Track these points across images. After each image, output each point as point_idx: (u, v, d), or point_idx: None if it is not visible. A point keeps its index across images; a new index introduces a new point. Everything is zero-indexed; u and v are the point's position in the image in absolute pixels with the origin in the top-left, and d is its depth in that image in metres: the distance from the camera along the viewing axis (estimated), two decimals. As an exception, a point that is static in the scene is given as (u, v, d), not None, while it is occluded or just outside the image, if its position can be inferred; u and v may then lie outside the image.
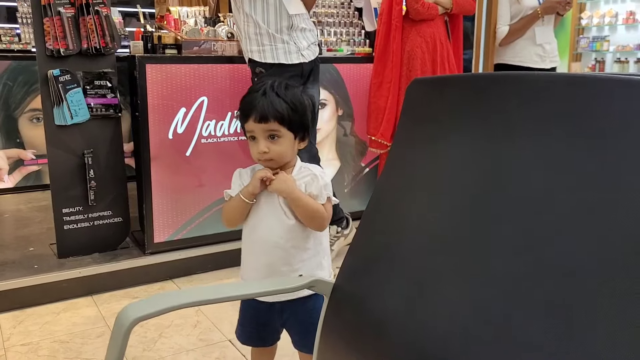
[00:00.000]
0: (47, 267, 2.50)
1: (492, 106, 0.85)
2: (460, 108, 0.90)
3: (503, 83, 0.85)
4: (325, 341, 1.00)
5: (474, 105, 0.88)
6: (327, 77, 3.00)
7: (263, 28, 2.45)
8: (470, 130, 0.87)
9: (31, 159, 3.92)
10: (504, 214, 0.79)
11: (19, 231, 3.06)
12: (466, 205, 0.85)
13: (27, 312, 2.29)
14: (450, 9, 2.97)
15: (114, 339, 0.80)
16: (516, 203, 0.78)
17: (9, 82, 3.77)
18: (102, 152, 2.63)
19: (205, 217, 2.77)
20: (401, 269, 0.89)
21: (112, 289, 2.51)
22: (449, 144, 0.90)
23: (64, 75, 2.51)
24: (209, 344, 2.05)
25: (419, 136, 0.96)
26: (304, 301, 1.39)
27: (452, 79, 0.94)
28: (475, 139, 0.86)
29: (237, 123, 2.77)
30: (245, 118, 1.32)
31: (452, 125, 0.91)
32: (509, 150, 0.81)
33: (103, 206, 2.66)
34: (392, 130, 3.00)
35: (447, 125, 0.91)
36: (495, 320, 0.75)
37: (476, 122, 0.87)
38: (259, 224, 1.37)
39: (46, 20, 2.49)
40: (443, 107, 0.93)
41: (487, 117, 0.86)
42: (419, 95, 0.98)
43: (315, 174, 1.35)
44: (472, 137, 0.87)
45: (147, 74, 2.53)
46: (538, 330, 0.71)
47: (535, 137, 0.79)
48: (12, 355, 1.96)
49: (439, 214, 0.88)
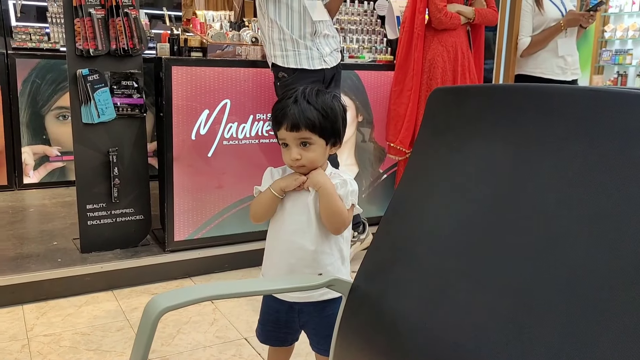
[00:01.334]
0: (70, 261, 2.56)
1: (511, 117, 0.88)
2: (480, 118, 0.93)
3: (523, 94, 0.88)
4: (342, 339, 1.03)
5: (494, 115, 0.90)
6: (348, 83, 3.04)
7: (287, 34, 2.49)
8: (489, 140, 0.90)
9: (56, 156, 4.02)
10: (519, 222, 0.82)
11: (43, 225, 3.14)
12: (483, 213, 0.87)
13: (50, 304, 2.36)
14: (473, 19, 2.99)
15: (142, 327, 0.84)
16: (531, 212, 0.81)
17: (38, 79, 3.87)
18: (127, 150, 2.70)
19: (224, 218, 2.81)
20: (418, 272, 0.92)
21: (132, 285, 2.57)
22: (467, 152, 0.93)
23: (93, 74, 2.59)
24: (225, 341, 2.09)
25: (438, 144, 0.99)
26: (323, 305, 1.42)
27: (473, 89, 0.97)
28: (494, 148, 0.89)
29: (258, 126, 2.82)
30: (277, 126, 1.34)
31: (472, 134, 0.93)
32: (526, 160, 0.84)
33: (126, 203, 2.73)
34: (411, 137, 3.02)
35: (467, 135, 0.94)
36: (509, 324, 0.78)
37: (495, 132, 0.90)
38: (285, 224, 1.39)
39: (77, 20, 2.56)
40: (463, 117, 0.96)
41: (506, 128, 0.88)
42: (439, 104, 1.01)
43: (345, 179, 1.37)
44: (491, 147, 0.89)
45: (173, 75, 2.59)
46: (552, 335, 0.73)
47: (552, 149, 0.81)
48: (35, 345, 2.02)
49: (456, 220, 0.91)
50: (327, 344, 1.45)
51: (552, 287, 0.75)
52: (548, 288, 0.75)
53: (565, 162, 0.79)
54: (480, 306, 0.82)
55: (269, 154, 2.85)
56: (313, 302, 1.42)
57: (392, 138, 3.07)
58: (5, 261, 2.58)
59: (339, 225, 1.36)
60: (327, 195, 1.33)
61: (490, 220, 0.86)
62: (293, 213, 1.39)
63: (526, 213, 0.81)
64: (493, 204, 0.86)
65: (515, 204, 0.83)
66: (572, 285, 0.73)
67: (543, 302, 0.75)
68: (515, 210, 0.83)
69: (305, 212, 1.37)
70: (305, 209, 1.37)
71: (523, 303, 0.77)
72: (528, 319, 0.75)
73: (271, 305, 1.49)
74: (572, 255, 0.75)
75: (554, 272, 0.75)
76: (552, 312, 0.74)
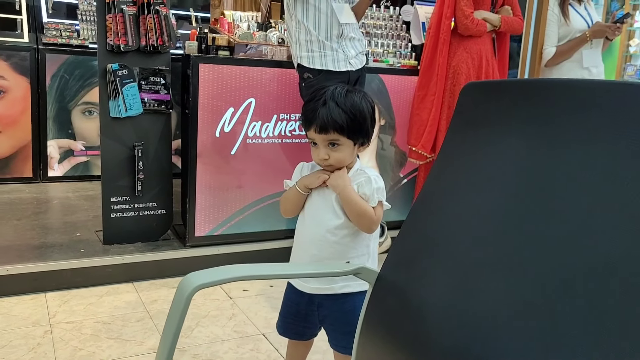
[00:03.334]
0: (93, 252, 2.61)
1: (542, 111, 0.88)
2: (511, 112, 0.94)
3: (554, 89, 0.88)
4: (367, 328, 1.04)
5: (525, 109, 0.91)
6: (372, 86, 3.06)
7: (314, 35, 2.52)
8: (519, 133, 0.91)
9: (80, 150, 4.09)
10: (548, 213, 0.83)
11: (66, 217, 3.19)
12: (511, 204, 0.88)
13: (72, 293, 2.40)
14: (499, 27, 2.99)
15: (175, 303, 0.86)
16: (560, 204, 0.82)
17: (66, 75, 3.95)
18: (152, 146, 2.74)
19: (245, 215, 2.84)
20: (445, 262, 0.93)
21: (152, 278, 2.60)
22: (498, 146, 0.94)
23: (122, 70, 2.64)
24: (243, 335, 2.11)
25: (468, 138, 1.00)
26: (343, 300, 1.43)
27: (505, 83, 0.98)
28: (524, 143, 0.90)
29: (282, 126, 2.84)
30: (307, 126, 1.38)
31: (502, 128, 0.94)
32: (556, 153, 0.85)
33: (149, 198, 2.77)
34: (432, 142, 3.03)
35: (497, 128, 0.95)
36: (536, 313, 0.78)
37: (526, 125, 0.90)
38: (310, 218, 1.42)
39: (109, 16, 2.62)
40: (494, 111, 0.97)
41: (537, 121, 0.89)
42: (471, 98, 1.02)
43: (369, 177, 1.39)
44: (520, 141, 0.90)
45: (200, 72, 2.63)
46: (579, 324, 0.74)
47: (583, 142, 0.82)
48: (58, 332, 2.06)
49: (484, 211, 0.92)
50: (345, 341, 1.47)
51: (579, 278, 0.76)
52: (575, 278, 0.76)
53: (596, 154, 0.80)
54: (506, 296, 0.82)
55: (292, 153, 2.88)
56: (332, 294, 1.43)
57: (414, 142, 3.07)
58: (30, 250, 2.63)
59: (368, 224, 1.38)
60: (346, 198, 1.35)
61: (518, 212, 0.86)
62: (320, 209, 1.41)
63: (555, 205, 0.82)
64: (522, 195, 0.87)
65: (544, 195, 0.84)
66: (598, 276, 0.74)
67: (570, 292, 0.75)
68: (543, 202, 0.84)
69: (331, 208, 1.39)
70: (331, 205, 1.39)
71: (550, 293, 0.78)
72: (555, 309, 0.76)
73: (292, 298, 1.51)
74: (599, 246, 0.75)
75: (581, 263, 0.76)
76: (579, 302, 0.74)
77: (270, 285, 2.60)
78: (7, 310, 2.21)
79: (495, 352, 0.80)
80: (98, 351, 1.94)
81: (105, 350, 1.94)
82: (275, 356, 1.97)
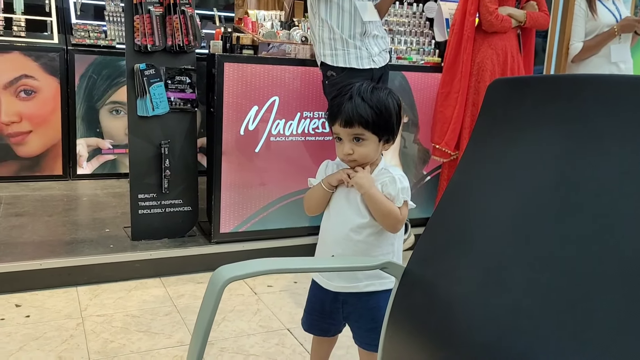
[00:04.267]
0: (122, 248, 2.67)
1: (571, 106, 0.89)
2: (540, 107, 0.94)
3: (584, 85, 0.89)
4: (393, 323, 1.06)
5: (554, 104, 0.92)
6: (395, 84, 3.06)
7: (337, 33, 2.54)
8: (547, 131, 0.91)
9: (108, 149, 4.17)
10: (577, 208, 0.83)
11: (95, 214, 3.27)
12: (540, 199, 0.89)
13: (103, 287, 2.46)
14: (524, 23, 2.97)
15: (208, 295, 0.89)
16: (590, 199, 0.82)
17: (94, 75, 4.04)
18: (178, 143, 2.79)
19: (269, 212, 2.87)
20: (473, 256, 0.94)
21: (179, 273, 2.65)
22: (525, 142, 0.95)
23: (149, 69, 2.69)
24: (268, 330, 2.14)
25: (496, 133, 1.01)
26: (367, 298, 1.44)
27: (533, 79, 0.99)
28: (552, 139, 0.90)
29: (305, 123, 2.87)
30: (332, 121, 1.39)
31: (531, 123, 0.95)
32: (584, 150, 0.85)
33: (175, 195, 2.82)
34: (456, 140, 3.02)
35: (525, 123, 0.96)
36: (564, 307, 0.79)
37: (554, 122, 0.91)
38: (335, 215, 1.44)
39: (137, 17, 2.67)
40: (522, 106, 0.97)
41: (565, 118, 0.89)
42: (499, 94, 1.03)
43: (394, 176, 1.39)
44: (549, 137, 0.91)
45: (225, 71, 2.67)
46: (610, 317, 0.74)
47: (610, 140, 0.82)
48: (89, 324, 2.12)
49: (512, 206, 0.92)
50: (369, 338, 1.48)
51: (610, 272, 0.76)
52: (606, 272, 0.76)
53: (626, 150, 0.80)
54: (535, 289, 0.83)
55: (315, 151, 2.90)
56: (357, 292, 1.44)
57: (437, 140, 3.07)
58: (62, 245, 2.71)
59: (393, 224, 1.39)
60: (370, 199, 1.36)
61: (547, 207, 0.87)
62: (344, 207, 1.42)
63: (585, 200, 0.82)
64: (551, 190, 0.87)
65: (574, 191, 0.84)
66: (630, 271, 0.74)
67: (600, 286, 0.76)
68: (573, 197, 0.84)
69: (355, 207, 1.40)
70: (355, 204, 1.40)
71: (579, 287, 0.78)
72: (584, 302, 0.77)
73: (317, 295, 1.53)
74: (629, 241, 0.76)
75: (611, 257, 0.76)
76: (610, 296, 0.74)
77: (294, 282, 2.62)
78: (41, 303, 2.28)
79: (527, 347, 0.80)
80: (128, 343, 1.99)
81: (135, 343, 1.99)
82: (300, 350, 2.00)
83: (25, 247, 2.64)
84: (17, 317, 2.15)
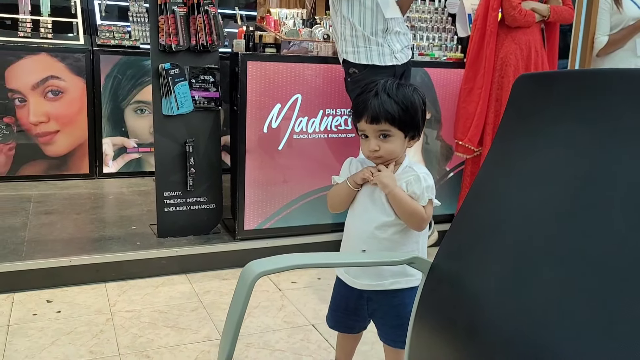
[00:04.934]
0: (148, 245, 2.72)
1: (598, 101, 0.88)
2: (566, 103, 0.94)
3: (611, 79, 0.88)
4: (420, 317, 1.06)
5: (580, 100, 0.91)
6: (417, 80, 3.05)
7: (359, 30, 2.55)
8: (574, 126, 0.91)
9: (133, 147, 4.24)
10: (605, 203, 0.83)
11: (122, 211, 3.33)
12: (566, 194, 0.88)
13: (130, 283, 2.51)
14: (548, 17, 2.94)
15: (239, 290, 0.91)
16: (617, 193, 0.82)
17: (119, 75, 4.10)
18: (202, 142, 2.83)
19: (292, 209, 2.89)
20: (500, 251, 0.94)
21: (204, 270, 2.69)
22: (552, 136, 0.94)
23: (174, 69, 2.73)
24: (293, 326, 2.16)
25: (522, 129, 1.01)
26: (392, 295, 1.44)
27: (559, 74, 0.98)
28: (579, 132, 0.90)
29: (327, 121, 2.88)
30: (357, 118, 1.39)
31: (557, 119, 0.95)
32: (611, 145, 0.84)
33: (199, 192, 2.86)
34: (479, 135, 3.00)
35: (551, 119, 0.96)
36: (594, 301, 0.79)
37: (581, 116, 0.90)
38: (360, 214, 1.44)
39: (161, 18, 2.72)
40: (548, 102, 0.97)
41: (592, 113, 0.89)
42: (524, 90, 1.03)
43: (418, 175, 1.39)
44: (576, 131, 0.90)
45: (248, 70, 2.69)
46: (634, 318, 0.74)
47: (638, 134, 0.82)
48: (118, 319, 2.17)
49: (538, 200, 0.92)
50: (394, 335, 1.48)
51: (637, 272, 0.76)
52: (636, 268, 0.76)
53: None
54: (563, 283, 0.83)
55: (338, 148, 2.91)
56: (382, 290, 1.45)
57: (460, 136, 3.06)
58: (90, 242, 2.77)
59: (418, 223, 1.39)
60: (394, 199, 1.36)
61: (574, 202, 0.87)
62: (369, 206, 1.43)
63: (611, 194, 0.82)
64: (577, 185, 0.87)
65: (600, 185, 0.84)
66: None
67: (629, 278, 0.76)
68: (600, 191, 0.84)
69: (380, 206, 1.41)
70: (380, 202, 1.41)
71: (609, 282, 0.78)
72: (614, 296, 0.76)
73: (341, 292, 1.53)
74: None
75: None
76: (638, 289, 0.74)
77: (318, 278, 2.64)
78: (71, 299, 2.33)
79: (555, 342, 0.80)
80: (157, 338, 2.03)
81: (163, 338, 2.03)
82: (325, 346, 2.02)
83: (55, 244, 2.70)
84: (49, 312, 2.21)
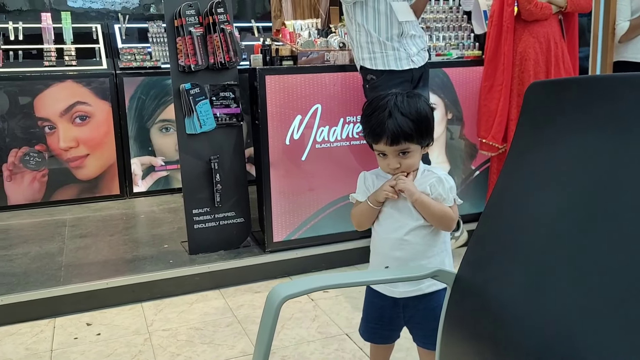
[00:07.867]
0: (181, 262, 2.77)
1: (611, 108, 0.88)
2: (579, 110, 0.94)
3: (625, 85, 0.88)
4: (448, 330, 1.07)
5: (593, 107, 0.91)
6: (437, 81, 3.04)
7: (374, 36, 2.55)
8: (588, 132, 0.91)
9: (161, 166, 4.32)
10: (621, 210, 0.82)
11: (153, 230, 3.40)
12: (584, 202, 0.88)
13: (165, 302, 2.56)
14: (565, 7, 2.89)
15: (266, 314, 0.93)
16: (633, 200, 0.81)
17: (142, 96, 4.20)
18: (226, 157, 2.87)
19: (319, 218, 2.91)
20: (521, 261, 0.94)
21: (237, 284, 2.73)
22: (567, 144, 0.94)
23: (194, 88, 2.78)
24: (327, 336, 2.18)
25: (537, 137, 1.01)
26: (428, 298, 1.45)
27: (571, 81, 0.98)
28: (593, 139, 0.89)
29: (349, 129, 2.89)
30: (375, 140, 1.39)
31: (571, 126, 0.94)
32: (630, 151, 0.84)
33: (227, 207, 2.90)
34: (503, 132, 2.98)
35: (566, 127, 0.95)
36: (616, 309, 0.78)
37: (595, 123, 0.90)
38: (388, 225, 1.45)
39: (179, 39, 2.77)
40: (562, 109, 0.97)
41: (606, 119, 0.88)
42: (537, 97, 1.02)
43: (440, 176, 1.41)
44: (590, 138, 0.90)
45: (267, 84, 2.73)
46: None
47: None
48: (156, 339, 2.22)
49: (557, 209, 0.92)
50: (433, 337, 1.47)
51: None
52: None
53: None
54: (585, 292, 0.83)
55: (360, 155, 2.92)
56: (416, 295, 1.45)
57: (484, 134, 3.03)
58: (125, 263, 2.83)
59: (448, 224, 1.41)
60: (421, 205, 1.38)
61: (591, 209, 0.86)
62: (395, 215, 1.44)
63: (628, 201, 0.82)
64: (594, 193, 0.87)
65: (616, 193, 0.83)
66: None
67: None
68: (616, 199, 0.83)
69: (408, 212, 1.42)
70: (408, 209, 1.42)
71: (630, 287, 0.78)
72: (635, 304, 0.76)
73: (374, 302, 1.53)
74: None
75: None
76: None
77: (349, 286, 2.65)
78: (110, 320, 2.39)
79: (579, 349, 0.81)
80: (194, 356, 2.07)
81: (200, 355, 2.07)
82: (360, 355, 2.03)
83: (91, 267, 2.77)
84: (89, 335, 2.27)
